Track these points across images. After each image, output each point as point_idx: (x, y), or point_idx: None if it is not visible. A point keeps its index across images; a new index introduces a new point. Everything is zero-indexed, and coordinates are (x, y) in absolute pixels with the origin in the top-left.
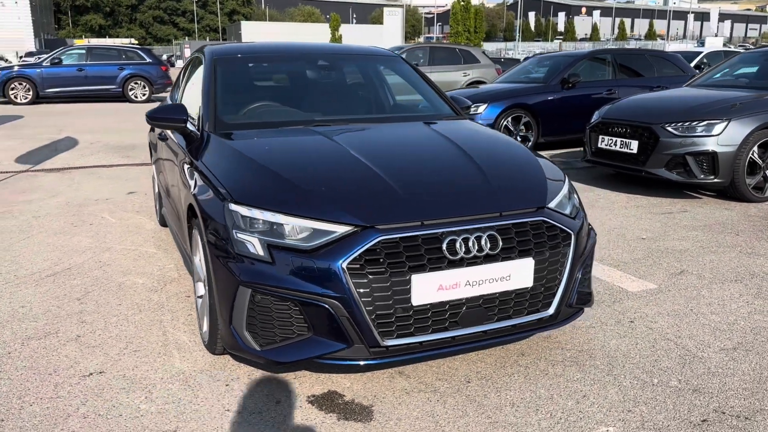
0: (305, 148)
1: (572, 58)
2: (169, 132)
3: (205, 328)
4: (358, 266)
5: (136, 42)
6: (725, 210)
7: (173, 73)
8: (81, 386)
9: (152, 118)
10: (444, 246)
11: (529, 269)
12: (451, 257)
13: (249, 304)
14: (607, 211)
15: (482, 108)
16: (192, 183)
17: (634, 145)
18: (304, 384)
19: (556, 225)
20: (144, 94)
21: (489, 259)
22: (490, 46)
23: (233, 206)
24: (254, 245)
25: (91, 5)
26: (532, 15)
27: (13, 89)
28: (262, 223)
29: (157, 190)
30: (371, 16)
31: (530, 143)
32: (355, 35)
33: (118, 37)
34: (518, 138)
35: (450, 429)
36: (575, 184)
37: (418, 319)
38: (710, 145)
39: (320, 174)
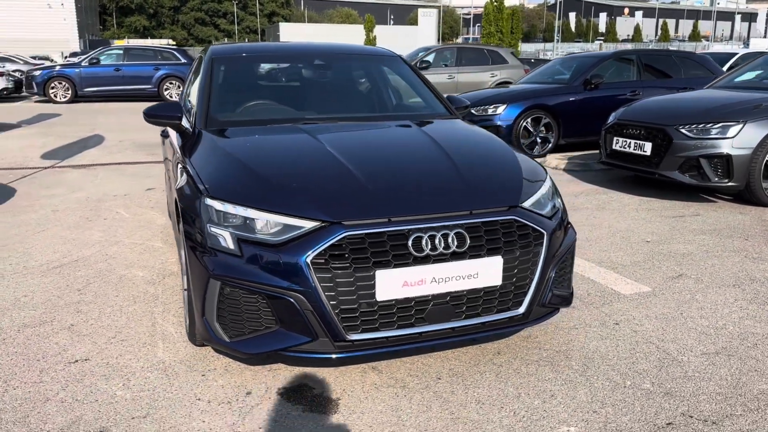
0: (286, 145)
1: (596, 58)
2: (169, 129)
3: (188, 319)
4: (322, 261)
5: (174, 43)
6: (739, 214)
7: None
8: (65, 372)
9: (148, 115)
10: (410, 243)
11: (497, 268)
12: (416, 254)
13: (219, 297)
14: (617, 213)
15: (501, 109)
16: (178, 178)
17: (648, 147)
18: (278, 376)
19: (528, 224)
20: (178, 94)
21: (456, 256)
22: (528, 47)
23: (208, 201)
24: (225, 239)
25: (135, 7)
26: (572, 16)
27: (53, 88)
28: (236, 218)
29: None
30: (409, 17)
31: (550, 145)
32: (390, 36)
33: (161, 38)
34: (538, 140)
35: (411, 424)
36: (591, 186)
37: (383, 315)
38: (725, 147)
39: (295, 171)
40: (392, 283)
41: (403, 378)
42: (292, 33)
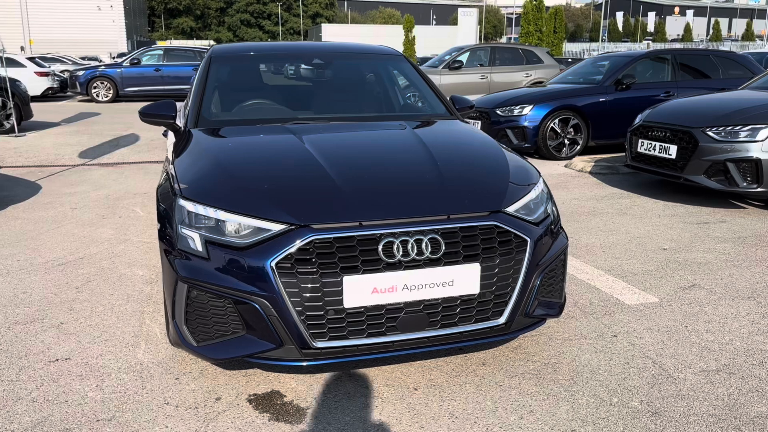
0: (267, 146)
1: (628, 58)
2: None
3: (166, 322)
4: (288, 265)
5: (215, 44)
6: None
7: None
8: (43, 371)
9: (144, 114)
10: (380, 248)
11: (474, 275)
12: (387, 260)
13: (186, 300)
14: (638, 219)
15: (527, 109)
16: (162, 178)
17: (673, 150)
18: (251, 382)
19: (510, 230)
20: None
21: (430, 263)
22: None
23: (181, 201)
24: (195, 241)
25: (183, 8)
26: (619, 15)
27: (95, 88)
28: (208, 220)
29: None
30: (451, 17)
31: (579, 147)
32: (429, 36)
33: (207, 39)
34: (566, 141)
35: None
36: (615, 190)
37: (352, 322)
38: (754, 151)
39: (270, 172)
40: (361, 290)
41: (379, 388)
42: (334, 34)
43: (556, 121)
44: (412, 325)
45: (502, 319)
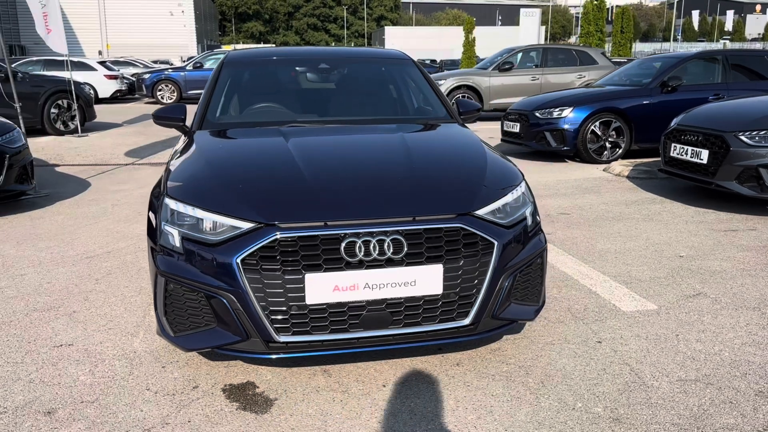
0: (253, 148)
1: (677, 59)
2: None
3: None
4: (253, 262)
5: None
6: None
7: None
8: (45, 356)
9: (156, 117)
10: (342, 247)
11: (437, 276)
12: (349, 259)
13: (164, 293)
14: (663, 225)
15: (567, 112)
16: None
17: (705, 155)
18: (230, 373)
19: (476, 233)
20: None
21: (392, 263)
22: (646, 47)
23: (166, 200)
24: (174, 237)
25: (252, 13)
26: (695, 14)
27: (160, 90)
28: (188, 218)
29: None
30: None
31: (620, 150)
32: (489, 37)
33: (274, 43)
34: (607, 144)
35: (333, 430)
36: (648, 195)
37: (315, 318)
38: None
39: (248, 173)
40: (322, 287)
41: (349, 383)
42: (397, 36)
43: (597, 123)
44: (375, 323)
45: (467, 320)
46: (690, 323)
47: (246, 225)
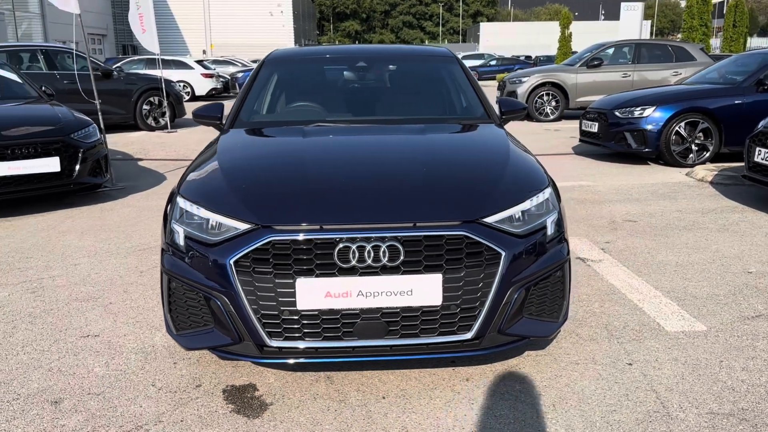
0: (269, 147)
1: None
2: None
3: None
4: (246, 264)
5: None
6: None
7: None
8: (70, 345)
9: (195, 115)
10: (335, 252)
11: (435, 286)
12: (342, 264)
13: (168, 290)
14: (738, 237)
15: (649, 111)
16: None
17: None
18: (235, 373)
19: (482, 242)
20: None
21: (388, 270)
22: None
23: (178, 198)
24: (179, 236)
25: (350, 12)
26: None
27: None
28: (193, 217)
29: None
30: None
31: (708, 153)
32: (586, 32)
33: (370, 42)
34: (693, 147)
35: None
36: (729, 203)
37: (307, 324)
38: None
39: (254, 173)
40: (314, 293)
41: (349, 392)
42: (492, 32)
43: (682, 124)
44: (370, 332)
45: (469, 334)
46: (740, 348)
47: (243, 226)
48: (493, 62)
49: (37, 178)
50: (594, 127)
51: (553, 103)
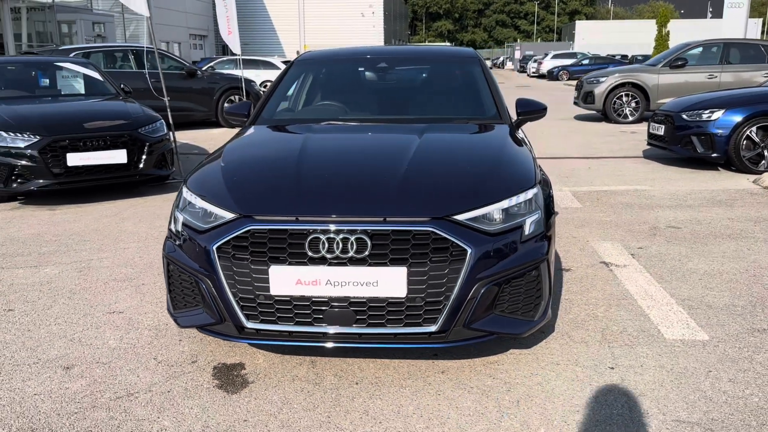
0: (272, 143)
1: None
2: None
3: None
4: (228, 250)
5: (449, 44)
6: None
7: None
8: (96, 319)
9: (227, 113)
10: (307, 243)
11: (400, 278)
12: (312, 254)
13: (167, 272)
14: None
15: (717, 114)
16: None
17: None
18: (230, 352)
19: (448, 239)
20: None
21: (355, 262)
22: None
23: (183, 188)
24: (178, 223)
25: (443, 12)
26: None
27: None
28: (192, 206)
29: None
30: None
31: None
32: (685, 30)
33: (462, 41)
34: (766, 153)
35: (282, 418)
36: None
37: (280, 309)
38: None
39: (247, 167)
40: (286, 280)
41: (326, 376)
42: (588, 30)
43: (754, 129)
44: (339, 319)
45: (434, 327)
46: (735, 360)
47: (229, 215)
48: (586, 61)
49: (106, 168)
50: (660, 130)
51: (633, 105)
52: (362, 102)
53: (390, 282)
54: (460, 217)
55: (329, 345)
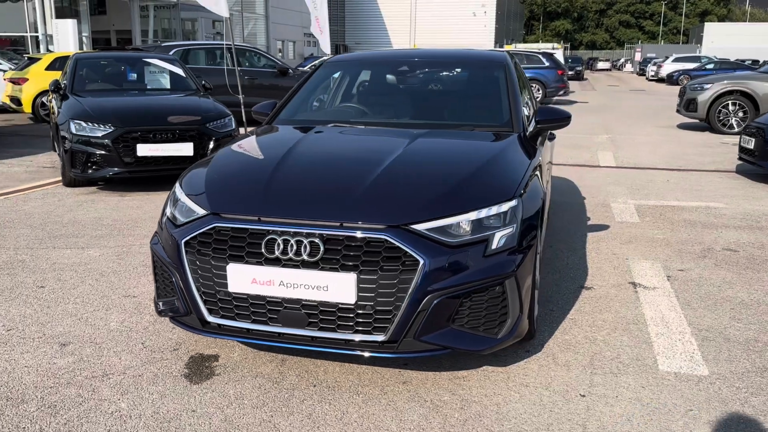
0: (267, 144)
1: None
2: None
3: None
4: (194, 245)
5: (560, 47)
6: None
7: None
8: (109, 301)
9: (254, 112)
10: (263, 243)
11: (350, 285)
12: (267, 255)
13: (153, 263)
14: None
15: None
16: None
17: None
18: (212, 343)
19: (401, 248)
20: (537, 97)
21: (308, 265)
22: None
23: (176, 185)
24: (164, 216)
25: (561, 11)
26: None
27: None
28: (177, 202)
29: None
30: None
31: None
32: None
33: (581, 42)
34: None
35: (227, 413)
36: None
37: (238, 306)
38: None
39: (233, 166)
40: (242, 278)
41: (289, 376)
42: (717, 32)
43: None
44: (292, 321)
45: (383, 336)
46: (725, 401)
47: (201, 212)
48: (710, 65)
49: (173, 159)
50: (751, 144)
51: (740, 115)
52: (378, 106)
53: (339, 287)
54: (419, 227)
55: (285, 346)
